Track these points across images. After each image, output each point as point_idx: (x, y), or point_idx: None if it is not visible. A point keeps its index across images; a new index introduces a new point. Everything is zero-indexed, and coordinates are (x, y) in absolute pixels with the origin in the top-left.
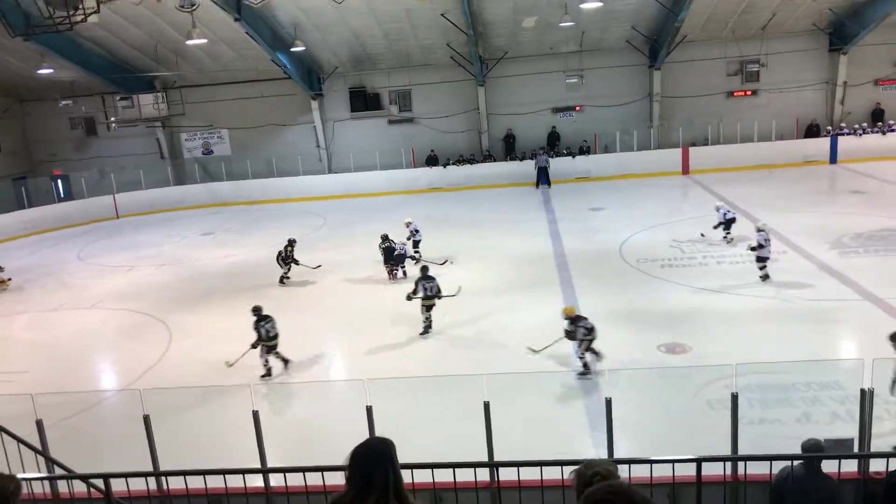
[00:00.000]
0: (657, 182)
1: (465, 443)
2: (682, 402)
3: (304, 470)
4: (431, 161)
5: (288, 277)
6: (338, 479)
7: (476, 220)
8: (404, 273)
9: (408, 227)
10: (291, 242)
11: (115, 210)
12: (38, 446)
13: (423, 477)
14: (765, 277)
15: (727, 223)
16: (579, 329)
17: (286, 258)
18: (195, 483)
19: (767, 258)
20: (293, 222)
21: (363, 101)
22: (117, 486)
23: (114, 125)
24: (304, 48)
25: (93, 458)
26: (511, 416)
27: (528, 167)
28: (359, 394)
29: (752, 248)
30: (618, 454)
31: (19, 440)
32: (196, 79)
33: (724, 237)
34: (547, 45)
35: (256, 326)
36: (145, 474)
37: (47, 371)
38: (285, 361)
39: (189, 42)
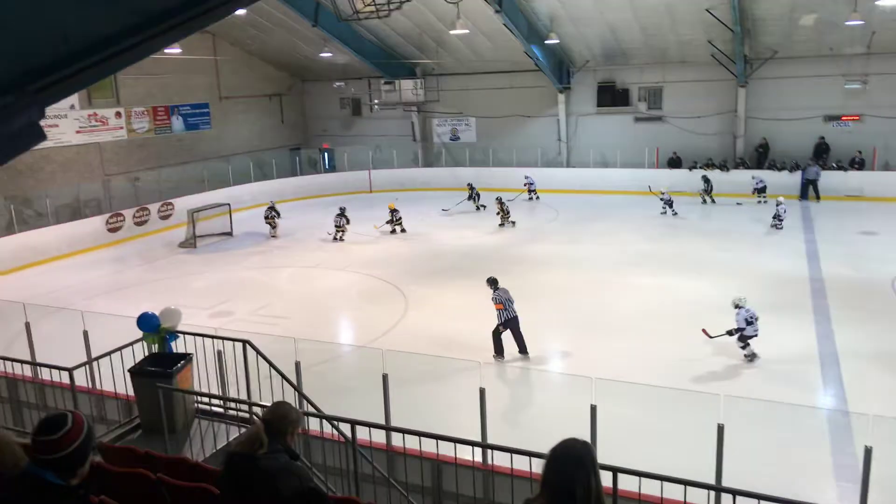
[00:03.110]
0: None
1: (685, 462)
2: None
3: (526, 454)
4: (673, 163)
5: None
6: None
7: (721, 229)
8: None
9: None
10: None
11: (370, 184)
12: (296, 384)
13: (628, 485)
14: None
15: (761, 189)
16: None
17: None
18: (422, 445)
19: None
20: (523, 213)
21: (610, 97)
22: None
23: (376, 107)
24: (557, 41)
25: (334, 404)
26: (744, 443)
27: (787, 179)
28: (584, 391)
29: (731, 333)
30: None
31: (284, 377)
32: (453, 67)
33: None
34: (826, 46)
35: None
36: (387, 428)
37: (304, 320)
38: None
39: (452, 32)
